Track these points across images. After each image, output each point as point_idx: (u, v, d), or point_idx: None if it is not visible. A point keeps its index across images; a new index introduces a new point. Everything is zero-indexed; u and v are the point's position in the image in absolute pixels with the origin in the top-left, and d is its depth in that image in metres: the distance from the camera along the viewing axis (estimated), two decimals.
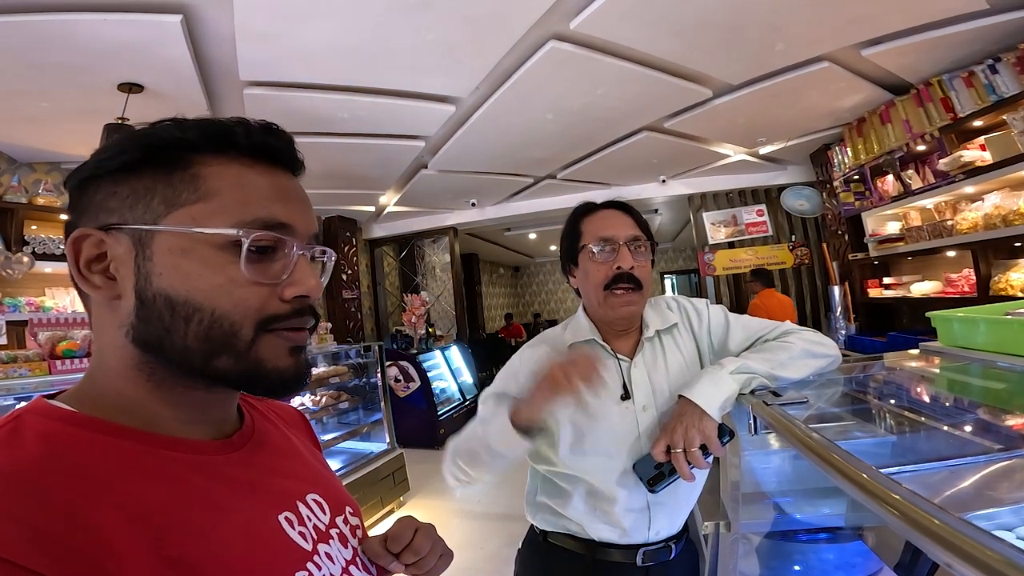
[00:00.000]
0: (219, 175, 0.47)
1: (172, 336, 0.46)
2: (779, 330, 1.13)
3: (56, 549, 0.35)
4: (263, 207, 0.48)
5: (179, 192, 0.46)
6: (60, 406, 0.45)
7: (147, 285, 0.46)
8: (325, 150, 3.75)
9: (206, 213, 0.46)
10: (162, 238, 0.46)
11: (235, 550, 0.45)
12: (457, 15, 2.24)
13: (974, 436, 0.81)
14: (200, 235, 0.46)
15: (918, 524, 0.44)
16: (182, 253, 0.46)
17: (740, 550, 1.18)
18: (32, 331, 2.64)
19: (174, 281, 0.45)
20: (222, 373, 0.47)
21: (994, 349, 1.02)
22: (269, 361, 0.48)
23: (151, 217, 0.46)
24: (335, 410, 3.81)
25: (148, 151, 0.47)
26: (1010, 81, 2.68)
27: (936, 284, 3.52)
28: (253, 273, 0.47)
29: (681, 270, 11.86)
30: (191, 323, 0.46)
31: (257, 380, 0.49)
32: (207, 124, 0.49)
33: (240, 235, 0.46)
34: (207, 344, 0.46)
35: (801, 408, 0.89)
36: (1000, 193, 2.86)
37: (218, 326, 0.46)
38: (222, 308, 0.46)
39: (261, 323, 0.47)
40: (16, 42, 2.12)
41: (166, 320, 0.46)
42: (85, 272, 0.47)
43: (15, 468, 0.38)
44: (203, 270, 0.46)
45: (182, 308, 0.45)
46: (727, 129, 4.05)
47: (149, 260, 0.46)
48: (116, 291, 0.47)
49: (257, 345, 0.47)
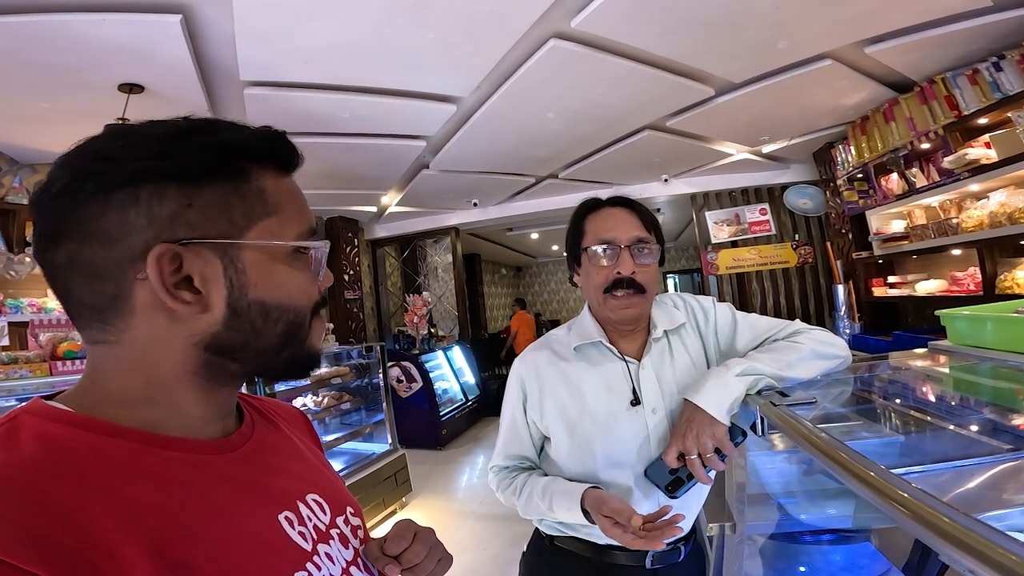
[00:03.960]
0: (275, 189, 0.51)
1: (259, 338, 0.49)
2: (788, 329, 1.10)
3: (53, 550, 0.35)
4: (307, 217, 0.54)
5: (252, 206, 0.48)
6: (57, 407, 0.44)
7: (241, 296, 0.48)
8: (326, 150, 3.74)
9: (278, 227, 0.50)
10: (249, 251, 0.48)
11: (234, 550, 0.44)
12: (457, 14, 2.23)
13: (983, 436, 0.80)
14: (283, 247, 0.50)
15: (932, 524, 0.43)
16: (271, 264, 0.49)
17: (745, 551, 1.17)
18: (33, 332, 2.64)
19: (269, 289, 0.49)
20: (283, 363, 0.53)
21: (1004, 347, 1.00)
22: (315, 343, 0.55)
23: (235, 231, 0.47)
24: (337, 411, 3.80)
25: (218, 161, 0.47)
26: (1015, 78, 2.65)
27: (941, 283, 3.50)
28: (315, 274, 0.54)
29: (684, 270, 11.83)
30: (279, 323, 0.50)
31: (308, 360, 0.55)
32: (257, 135, 0.50)
33: (320, 246, 0.53)
34: (284, 339, 0.51)
35: (808, 408, 0.88)
36: (1006, 191, 2.84)
37: (295, 322, 0.51)
38: (299, 305, 0.52)
39: (314, 310, 0.54)
40: (16, 43, 2.11)
41: (258, 325, 0.49)
42: (173, 291, 0.45)
43: (11, 469, 0.38)
44: (290, 278, 0.51)
45: (274, 312, 0.49)
46: (729, 128, 4.03)
47: (243, 274, 0.47)
48: (204, 305, 0.46)
49: (311, 330, 0.54)
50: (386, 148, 3.84)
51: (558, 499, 1.02)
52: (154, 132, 0.46)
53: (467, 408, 6.23)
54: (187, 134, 0.47)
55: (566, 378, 1.12)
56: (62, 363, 2.40)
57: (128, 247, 0.44)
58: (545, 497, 1.05)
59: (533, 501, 1.08)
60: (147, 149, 0.45)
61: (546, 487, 1.06)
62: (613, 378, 1.10)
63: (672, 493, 0.95)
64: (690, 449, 0.92)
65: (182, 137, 0.46)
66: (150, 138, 0.46)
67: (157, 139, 0.46)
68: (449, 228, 6.61)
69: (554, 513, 1.03)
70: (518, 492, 1.13)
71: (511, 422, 1.18)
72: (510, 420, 1.18)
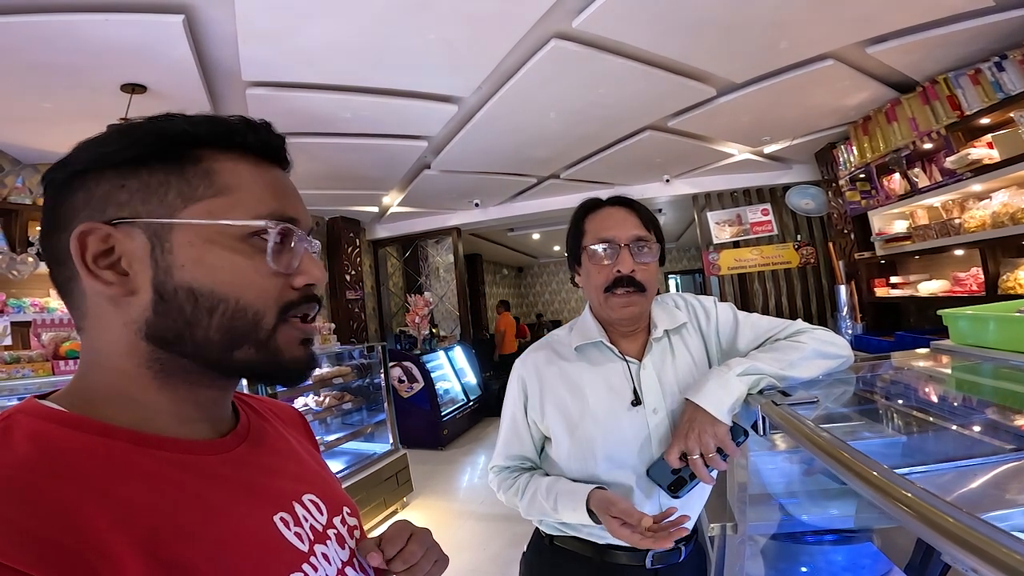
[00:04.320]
0: (231, 171, 0.48)
1: (193, 329, 0.46)
2: (790, 329, 1.10)
3: (47, 551, 0.34)
4: (275, 202, 0.50)
5: (195, 187, 0.47)
6: (51, 406, 0.44)
7: (167, 279, 0.46)
8: (328, 150, 3.75)
9: (224, 207, 0.47)
10: (181, 231, 0.46)
11: (229, 551, 0.44)
12: (459, 14, 2.23)
13: (985, 436, 0.80)
14: (223, 227, 0.47)
15: (937, 524, 0.42)
16: (205, 245, 0.46)
17: (747, 552, 1.17)
18: (36, 332, 2.64)
19: (197, 273, 0.46)
20: (243, 364, 0.49)
21: (1006, 347, 1.00)
22: (286, 351, 0.50)
23: (167, 211, 0.46)
24: (338, 411, 3.80)
25: (159, 144, 0.47)
26: (1017, 78, 2.65)
27: (944, 283, 3.49)
28: (275, 263, 0.49)
29: (685, 270, 11.83)
30: (215, 314, 0.46)
31: (276, 369, 0.50)
32: (214, 120, 0.49)
33: (268, 226, 0.48)
34: (229, 335, 0.47)
35: (810, 408, 0.88)
36: (1008, 191, 2.83)
37: (241, 316, 0.47)
38: (246, 298, 0.47)
39: (281, 310, 0.49)
40: (18, 43, 2.12)
41: (187, 313, 0.46)
42: (93, 268, 0.45)
43: (6, 470, 0.38)
44: (227, 262, 0.47)
45: (206, 300, 0.46)
46: (731, 128, 4.03)
47: (169, 253, 0.46)
48: (129, 287, 0.46)
49: (276, 334, 0.49)
50: (388, 148, 3.84)
51: (563, 499, 1.02)
52: (117, 127, 0.48)
53: (468, 408, 6.23)
54: (139, 125, 0.48)
55: (567, 378, 1.12)
56: (64, 362, 2.40)
57: (70, 229, 0.45)
58: (549, 497, 1.05)
59: (536, 501, 1.08)
60: (97, 140, 0.47)
61: (550, 487, 1.06)
62: (614, 378, 1.10)
63: (675, 493, 0.95)
64: (692, 449, 0.92)
65: (133, 128, 0.47)
66: (111, 131, 0.48)
67: (113, 131, 0.48)
68: (451, 228, 6.62)
69: (558, 513, 1.03)
70: (520, 492, 1.12)
71: (512, 422, 1.18)
72: (511, 420, 1.18)
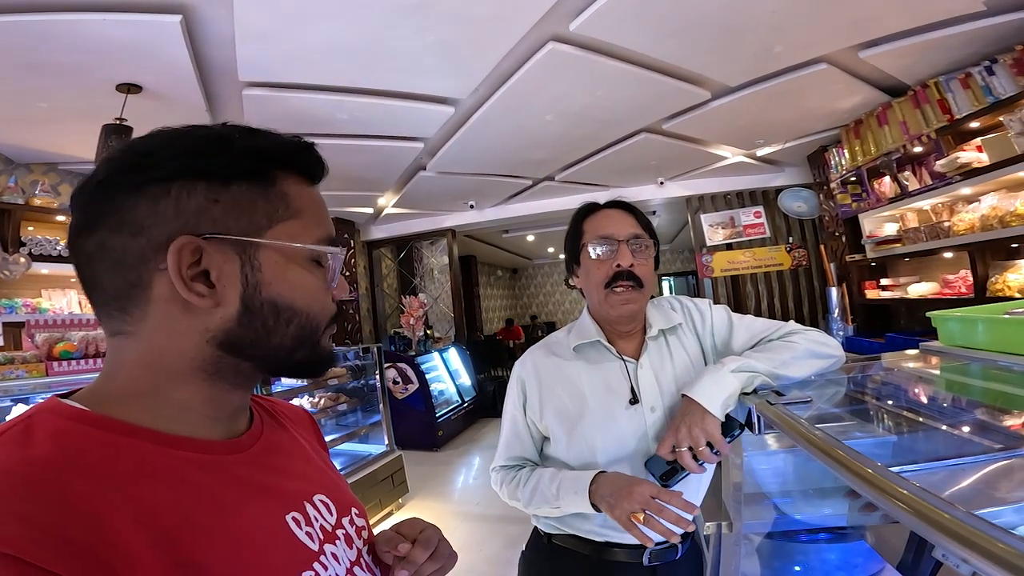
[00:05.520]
0: (299, 194, 0.53)
1: (271, 337, 0.50)
2: (783, 330, 1.12)
3: (66, 548, 0.35)
4: (327, 225, 0.55)
5: (275, 208, 0.50)
6: (73, 405, 0.45)
7: (255, 294, 0.49)
8: (323, 151, 3.58)
9: (299, 230, 0.52)
10: (268, 250, 0.49)
11: (243, 550, 0.45)
12: (457, 16, 2.24)
13: (974, 435, 0.81)
14: (300, 249, 0.51)
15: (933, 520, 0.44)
16: (288, 265, 0.51)
17: (742, 550, 1.18)
18: (30, 332, 2.62)
19: (281, 289, 0.50)
20: (295, 363, 0.54)
21: (994, 348, 1.01)
22: (326, 349, 0.56)
23: (254, 229, 0.49)
24: (334, 412, 3.80)
25: (253, 164, 0.49)
26: (1007, 82, 2.69)
27: (933, 285, 3.53)
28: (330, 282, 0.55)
29: (679, 272, 11.88)
30: (291, 325, 0.51)
31: (319, 366, 0.56)
32: (279, 140, 0.53)
33: (331, 252, 0.54)
34: (297, 342, 0.52)
35: (804, 408, 0.89)
36: (997, 194, 2.87)
37: (308, 326, 0.52)
38: (314, 310, 0.53)
39: (330, 321, 0.55)
40: (14, 42, 2.11)
41: (269, 324, 0.50)
42: (188, 281, 0.46)
43: (28, 467, 0.38)
44: (303, 280, 0.52)
45: (285, 313, 0.50)
46: (725, 131, 4.06)
47: (258, 271, 0.49)
48: (216, 299, 0.47)
49: (323, 338, 0.55)
50: (383, 150, 3.84)
51: (566, 484, 1.04)
52: (195, 134, 0.49)
53: (463, 410, 6.22)
54: (224, 137, 0.49)
55: (565, 378, 1.14)
56: (58, 363, 2.39)
57: (153, 237, 0.46)
58: (552, 484, 1.06)
59: (539, 490, 1.08)
60: (185, 148, 0.48)
61: (554, 475, 1.08)
62: (612, 377, 1.12)
63: (665, 482, 0.97)
64: (681, 442, 0.94)
65: (219, 139, 0.49)
66: (190, 139, 0.48)
67: (195, 140, 0.48)
68: (445, 230, 6.61)
69: (560, 500, 1.04)
70: (522, 483, 1.13)
71: (512, 424, 1.20)
72: (511, 422, 1.20)
